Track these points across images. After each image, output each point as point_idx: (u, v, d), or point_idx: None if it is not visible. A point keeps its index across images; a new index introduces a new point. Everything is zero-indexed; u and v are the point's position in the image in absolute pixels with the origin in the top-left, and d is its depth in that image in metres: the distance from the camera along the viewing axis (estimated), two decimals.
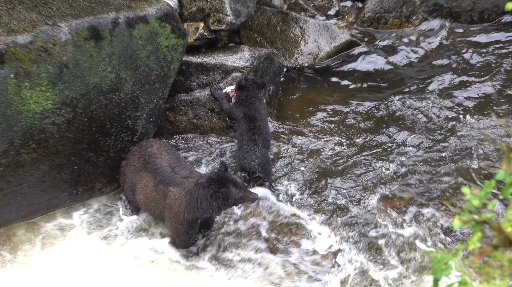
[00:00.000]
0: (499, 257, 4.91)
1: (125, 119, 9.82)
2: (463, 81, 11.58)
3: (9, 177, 9.06)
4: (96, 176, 9.87)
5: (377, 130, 10.91)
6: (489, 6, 12.31)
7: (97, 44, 9.47)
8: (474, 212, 5.25)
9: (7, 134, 8.88)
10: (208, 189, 8.79)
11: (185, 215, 8.97)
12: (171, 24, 10.12)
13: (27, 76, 8.97)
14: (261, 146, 10.33)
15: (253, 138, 10.32)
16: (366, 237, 9.66)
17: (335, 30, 11.97)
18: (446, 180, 10.19)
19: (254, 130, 10.36)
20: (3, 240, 9.60)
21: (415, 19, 12.29)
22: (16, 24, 9.19)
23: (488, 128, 10.66)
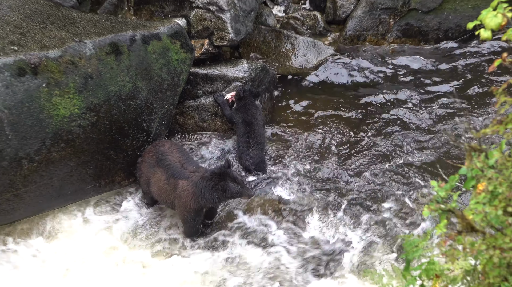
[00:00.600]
0: (462, 241, 4.92)
1: (141, 122, 9.83)
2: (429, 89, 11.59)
3: (41, 172, 9.06)
4: (116, 171, 9.87)
5: (356, 128, 10.93)
6: (452, 25, 12.32)
7: (117, 58, 9.48)
8: (441, 202, 5.27)
9: (40, 135, 8.89)
10: (210, 182, 8.89)
11: (192, 204, 9.05)
12: (180, 40, 10.13)
13: (57, 85, 8.99)
14: (255, 147, 10.35)
15: (248, 141, 10.35)
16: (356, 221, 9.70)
17: (321, 46, 11.98)
18: (417, 175, 10.20)
19: (250, 134, 10.39)
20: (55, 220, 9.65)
21: (389, 36, 12.29)
22: (48, 41, 9.20)
23: (453, 130, 10.68)
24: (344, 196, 10.00)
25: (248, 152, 10.38)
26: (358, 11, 12.29)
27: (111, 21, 10.10)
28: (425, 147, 10.59)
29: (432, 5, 12.22)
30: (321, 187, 10.14)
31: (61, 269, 9.16)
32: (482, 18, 5.76)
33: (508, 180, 4.82)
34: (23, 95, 8.77)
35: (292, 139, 10.84)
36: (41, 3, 9.94)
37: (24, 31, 9.34)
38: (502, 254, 4.59)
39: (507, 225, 4.71)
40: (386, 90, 11.56)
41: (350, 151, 10.65)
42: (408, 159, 10.43)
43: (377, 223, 9.68)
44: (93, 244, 9.51)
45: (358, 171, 10.35)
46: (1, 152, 8.66)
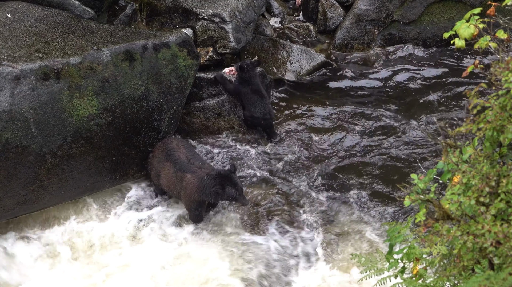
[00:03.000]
0: (439, 227, 4.92)
1: (152, 122, 9.81)
2: (411, 91, 11.60)
3: (63, 166, 9.07)
4: (130, 165, 9.86)
5: (346, 128, 10.93)
6: (430, 35, 12.32)
7: (131, 64, 9.49)
8: (420, 193, 5.27)
9: (62, 133, 8.90)
10: (213, 181, 9.01)
11: (195, 196, 9.16)
12: (187, 48, 10.13)
13: (77, 88, 9.01)
14: (268, 106, 10.70)
15: (261, 102, 10.67)
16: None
17: (313, 53, 11.96)
18: (399, 169, 10.22)
19: (259, 97, 10.64)
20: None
21: (374, 45, 12.28)
22: (69, 49, 9.22)
23: (432, 129, 10.69)
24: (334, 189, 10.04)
25: (263, 107, 10.61)
26: (346, 22, 12.29)
27: (126, 31, 10.09)
28: (405, 144, 10.59)
29: (412, 17, 12.22)
30: (313, 183, 10.15)
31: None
32: (457, 29, 5.76)
33: (480, 173, 4.82)
34: (47, 97, 8.79)
35: (288, 139, 10.82)
36: (63, 15, 9.93)
37: (48, 40, 9.34)
38: (475, 240, 4.59)
39: (479, 213, 4.71)
40: (372, 92, 11.57)
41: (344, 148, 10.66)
42: (390, 155, 10.43)
43: (363, 212, 9.69)
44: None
45: (351, 168, 10.37)
46: (28, 148, 8.67)
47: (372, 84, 11.72)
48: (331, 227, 9.52)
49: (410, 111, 11.16)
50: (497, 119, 4.75)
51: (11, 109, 8.54)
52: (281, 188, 10.01)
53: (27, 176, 8.83)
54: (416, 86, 11.69)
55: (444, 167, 5.25)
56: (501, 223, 4.58)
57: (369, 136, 10.77)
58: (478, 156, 5.02)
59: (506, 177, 4.72)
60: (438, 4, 12.21)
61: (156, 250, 9.24)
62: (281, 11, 12.92)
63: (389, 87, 11.66)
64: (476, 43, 5.64)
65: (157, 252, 9.20)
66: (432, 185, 5.40)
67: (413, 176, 5.46)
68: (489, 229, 4.53)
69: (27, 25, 9.48)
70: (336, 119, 11.05)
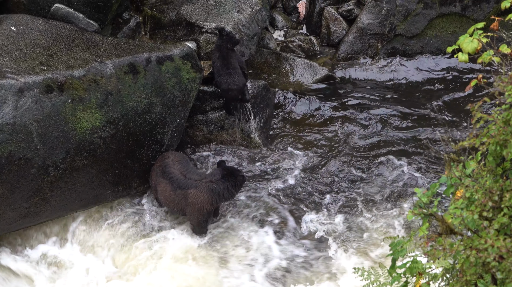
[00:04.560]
0: (442, 242, 4.92)
1: (155, 135, 9.82)
2: (414, 105, 11.60)
3: (66, 178, 9.08)
4: (133, 177, 9.86)
5: (348, 142, 10.94)
6: (433, 49, 12.33)
7: (134, 77, 9.51)
8: (423, 207, 5.27)
9: (65, 146, 8.92)
10: (227, 182, 9.20)
11: (209, 207, 9.26)
12: (191, 61, 10.14)
13: (81, 101, 9.03)
14: (237, 75, 10.46)
15: (229, 72, 10.40)
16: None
17: (317, 67, 11.98)
18: (402, 182, 10.21)
19: (228, 65, 10.43)
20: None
21: (377, 58, 12.30)
22: (73, 61, 9.25)
23: (434, 142, 10.70)
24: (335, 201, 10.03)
25: (233, 78, 10.39)
26: (350, 36, 12.30)
27: (129, 44, 10.12)
28: (407, 157, 10.60)
29: (415, 31, 12.24)
30: (315, 191, 10.15)
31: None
32: (460, 43, 5.76)
33: (483, 188, 4.82)
34: (50, 110, 8.82)
35: (291, 152, 10.83)
36: (67, 28, 9.96)
37: (52, 52, 9.37)
38: (478, 254, 4.59)
39: (482, 228, 4.71)
40: (374, 105, 11.57)
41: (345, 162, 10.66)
42: (394, 170, 10.42)
43: (366, 225, 9.69)
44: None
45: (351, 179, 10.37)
46: (31, 160, 8.69)
47: (374, 98, 11.71)
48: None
49: (413, 125, 11.15)
50: (500, 134, 4.75)
51: (15, 121, 8.56)
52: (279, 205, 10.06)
53: (30, 188, 8.84)
54: (419, 100, 11.69)
55: (447, 181, 5.25)
56: (504, 237, 4.57)
57: (371, 149, 10.78)
58: (481, 170, 5.02)
59: (509, 191, 4.71)
60: (441, 18, 12.22)
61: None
62: (284, 24, 12.95)
63: (391, 101, 11.66)
64: (480, 58, 5.65)
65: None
66: (435, 199, 5.40)
67: (416, 190, 5.46)
68: (492, 243, 4.53)
69: (31, 37, 9.51)
70: (338, 132, 11.06)
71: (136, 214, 9.86)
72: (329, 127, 11.18)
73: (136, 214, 9.87)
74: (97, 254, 9.52)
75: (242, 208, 9.87)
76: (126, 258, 9.44)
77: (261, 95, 10.95)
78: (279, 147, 10.90)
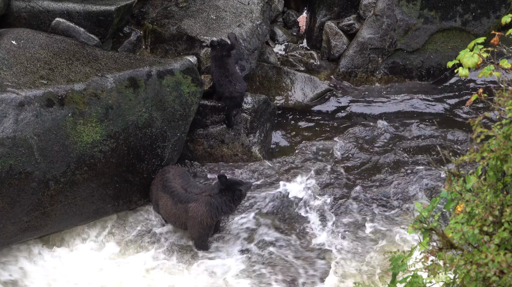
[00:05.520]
0: (443, 256, 4.92)
1: (156, 149, 9.84)
2: (414, 118, 11.62)
3: (66, 192, 9.08)
4: (133, 191, 9.87)
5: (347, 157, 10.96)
6: (434, 64, 12.36)
7: (135, 91, 9.54)
8: (423, 221, 5.27)
9: (65, 159, 8.93)
10: (225, 197, 9.18)
11: (208, 221, 9.23)
12: (191, 75, 10.17)
13: (81, 115, 9.05)
14: (238, 82, 10.58)
15: (229, 79, 10.50)
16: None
17: (317, 81, 12.00)
18: (403, 196, 10.21)
19: (227, 73, 10.51)
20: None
21: (378, 73, 12.32)
22: (73, 75, 9.28)
23: (436, 158, 10.72)
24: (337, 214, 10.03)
25: (234, 86, 10.49)
26: (350, 50, 12.33)
27: (130, 58, 10.15)
28: (408, 173, 10.60)
29: (416, 46, 12.26)
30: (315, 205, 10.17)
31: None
32: (461, 58, 5.78)
33: (483, 202, 4.83)
34: (51, 124, 8.83)
35: (293, 165, 10.85)
36: (68, 42, 9.99)
37: (52, 66, 9.40)
38: (479, 269, 4.58)
39: (483, 242, 4.71)
40: (374, 120, 11.58)
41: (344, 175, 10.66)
42: (395, 183, 10.43)
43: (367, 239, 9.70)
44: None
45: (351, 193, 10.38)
46: (31, 174, 8.70)
47: (375, 112, 11.73)
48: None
49: (414, 139, 11.16)
50: (500, 149, 4.76)
51: (15, 135, 8.58)
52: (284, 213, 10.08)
53: (30, 202, 8.85)
54: (419, 114, 11.72)
55: (447, 196, 5.25)
56: (504, 252, 4.57)
57: (372, 165, 10.79)
58: (481, 185, 5.03)
59: (510, 206, 4.72)
60: (442, 33, 12.25)
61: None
62: (285, 38, 12.98)
63: (392, 115, 11.68)
64: (480, 73, 5.67)
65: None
66: (435, 213, 5.41)
67: (416, 204, 5.46)
68: (492, 258, 4.53)
69: (31, 51, 9.54)
70: (338, 147, 11.07)
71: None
72: (330, 141, 11.19)
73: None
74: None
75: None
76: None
77: (262, 109, 10.97)
78: (280, 161, 10.89)
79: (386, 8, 12.10)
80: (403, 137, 11.24)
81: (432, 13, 12.12)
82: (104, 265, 9.44)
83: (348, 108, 11.83)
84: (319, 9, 12.74)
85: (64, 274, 9.29)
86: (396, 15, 12.10)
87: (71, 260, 9.42)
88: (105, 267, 9.41)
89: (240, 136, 10.82)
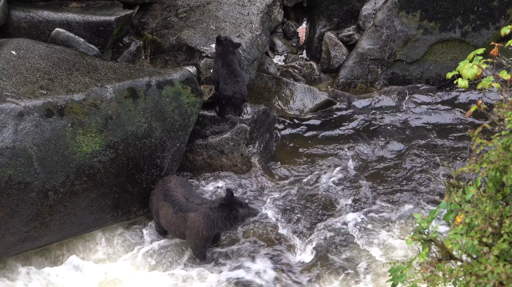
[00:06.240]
0: (442, 267, 4.92)
1: (155, 159, 9.84)
2: (414, 130, 11.62)
3: (65, 202, 9.08)
4: (132, 202, 9.87)
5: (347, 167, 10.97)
6: (433, 75, 12.37)
7: (134, 101, 9.55)
8: (423, 233, 5.28)
9: (64, 170, 8.93)
10: (222, 213, 9.10)
11: (204, 233, 9.21)
12: (191, 86, 10.19)
13: (81, 125, 9.05)
14: (241, 83, 10.65)
15: (235, 79, 10.56)
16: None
17: (317, 92, 12.02)
18: (402, 207, 10.22)
19: (235, 73, 10.58)
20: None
21: (377, 84, 12.33)
22: (73, 85, 9.30)
23: (435, 169, 10.71)
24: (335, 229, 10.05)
25: (239, 87, 10.56)
26: (350, 61, 12.35)
27: (130, 68, 10.17)
28: (408, 184, 10.60)
29: (415, 57, 12.28)
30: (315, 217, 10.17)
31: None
32: (460, 69, 5.80)
33: (483, 213, 4.83)
34: (50, 134, 8.84)
35: (292, 176, 10.85)
36: (68, 53, 10.01)
37: (52, 77, 9.42)
38: (478, 280, 4.59)
39: (482, 254, 4.72)
40: (374, 131, 11.60)
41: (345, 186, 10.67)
42: (395, 195, 10.43)
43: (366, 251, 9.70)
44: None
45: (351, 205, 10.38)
46: (30, 184, 8.70)
47: (374, 123, 11.74)
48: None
49: (413, 150, 11.17)
50: (500, 160, 4.77)
51: (14, 145, 8.59)
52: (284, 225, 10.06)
53: (29, 212, 8.84)
54: (419, 125, 11.72)
55: (447, 207, 5.26)
56: (504, 263, 4.58)
57: (371, 177, 10.80)
58: (481, 196, 5.04)
59: (509, 217, 4.73)
60: (441, 44, 12.27)
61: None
62: (284, 49, 13.00)
63: (391, 126, 11.67)
64: (479, 84, 5.68)
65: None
66: (435, 224, 5.41)
67: (416, 215, 5.47)
68: (492, 269, 4.54)
69: (31, 62, 9.56)
70: (338, 158, 11.08)
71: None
72: (329, 152, 11.20)
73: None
74: None
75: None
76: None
77: (261, 120, 10.98)
78: (279, 172, 10.90)
79: (385, 19, 12.14)
80: (404, 149, 11.24)
81: (431, 24, 12.15)
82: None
83: (348, 119, 11.83)
84: (318, 20, 12.77)
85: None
86: (396, 26, 12.12)
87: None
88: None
89: (240, 147, 10.83)
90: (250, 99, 11.53)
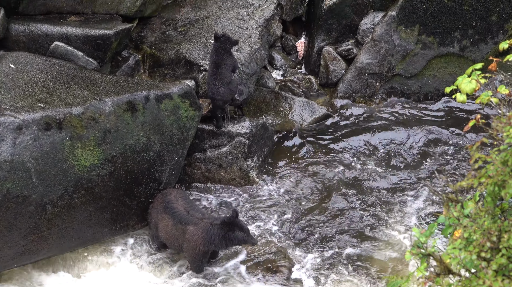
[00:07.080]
0: (441, 282, 4.92)
1: (153, 172, 9.84)
2: (411, 144, 11.62)
3: (63, 216, 9.08)
4: (130, 215, 9.86)
5: (345, 183, 10.96)
6: (432, 89, 12.39)
7: (133, 114, 9.56)
8: (421, 247, 5.27)
9: (62, 183, 8.93)
10: (221, 230, 9.11)
11: (201, 248, 9.18)
12: (189, 100, 10.19)
13: (79, 138, 9.05)
14: (222, 86, 10.50)
15: (214, 82, 10.48)
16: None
17: (315, 106, 12.04)
18: (402, 221, 10.23)
19: (216, 76, 10.49)
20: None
21: (376, 98, 12.35)
22: (71, 99, 9.30)
23: (433, 183, 10.71)
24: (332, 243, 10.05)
25: (217, 89, 10.48)
26: (348, 75, 12.37)
27: (128, 82, 10.18)
28: (406, 199, 10.61)
29: (414, 71, 12.31)
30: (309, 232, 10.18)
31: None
32: (458, 84, 5.82)
33: (481, 228, 4.84)
34: (48, 147, 8.84)
35: (291, 190, 10.86)
36: (66, 66, 10.02)
37: (51, 90, 9.42)
38: None
39: (480, 268, 4.71)
40: (372, 146, 11.60)
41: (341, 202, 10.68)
42: (392, 210, 10.44)
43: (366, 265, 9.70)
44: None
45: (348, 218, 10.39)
46: (28, 198, 8.69)
47: (372, 138, 11.74)
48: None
49: (411, 165, 11.18)
50: (498, 174, 4.78)
51: (13, 159, 8.59)
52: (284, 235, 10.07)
53: (27, 226, 8.83)
54: (417, 140, 11.72)
55: (445, 221, 5.26)
56: (502, 278, 4.58)
57: (369, 192, 10.80)
58: (479, 211, 5.04)
59: (508, 232, 4.73)
60: (439, 58, 12.30)
61: None
62: (283, 63, 13.02)
63: (389, 141, 11.68)
64: (478, 98, 5.70)
65: None
66: (433, 239, 5.41)
67: (414, 229, 5.47)
68: (490, 284, 4.54)
69: (30, 75, 9.57)
70: (336, 173, 11.08)
71: None
72: (327, 167, 11.20)
73: None
74: None
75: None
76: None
77: (260, 133, 10.99)
78: (277, 185, 10.90)
79: (384, 33, 12.17)
80: (402, 162, 11.26)
81: (430, 39, 12.18)
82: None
83: (345, 133, 11.83)
84: (317, 34, 12.79)
85: None
86: (394, 40, 12.15)
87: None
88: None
89: (238, 161, 10.84)
90: (249, 113, 11.54)
